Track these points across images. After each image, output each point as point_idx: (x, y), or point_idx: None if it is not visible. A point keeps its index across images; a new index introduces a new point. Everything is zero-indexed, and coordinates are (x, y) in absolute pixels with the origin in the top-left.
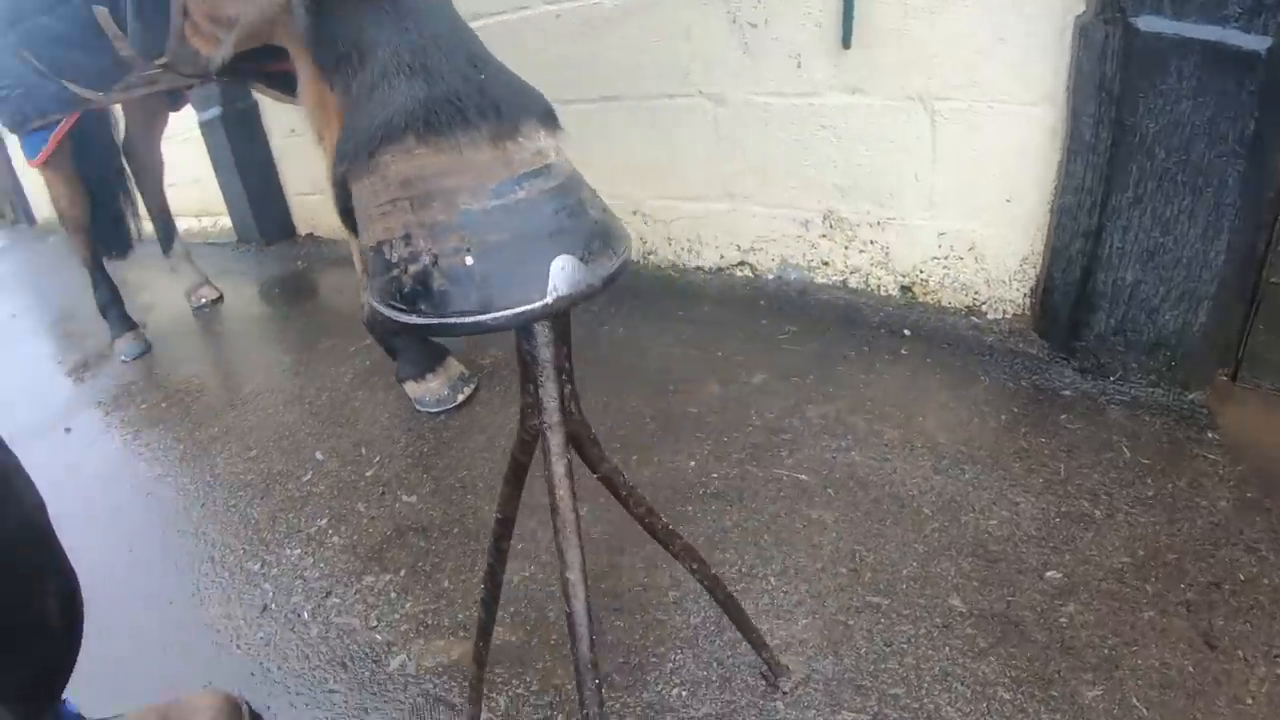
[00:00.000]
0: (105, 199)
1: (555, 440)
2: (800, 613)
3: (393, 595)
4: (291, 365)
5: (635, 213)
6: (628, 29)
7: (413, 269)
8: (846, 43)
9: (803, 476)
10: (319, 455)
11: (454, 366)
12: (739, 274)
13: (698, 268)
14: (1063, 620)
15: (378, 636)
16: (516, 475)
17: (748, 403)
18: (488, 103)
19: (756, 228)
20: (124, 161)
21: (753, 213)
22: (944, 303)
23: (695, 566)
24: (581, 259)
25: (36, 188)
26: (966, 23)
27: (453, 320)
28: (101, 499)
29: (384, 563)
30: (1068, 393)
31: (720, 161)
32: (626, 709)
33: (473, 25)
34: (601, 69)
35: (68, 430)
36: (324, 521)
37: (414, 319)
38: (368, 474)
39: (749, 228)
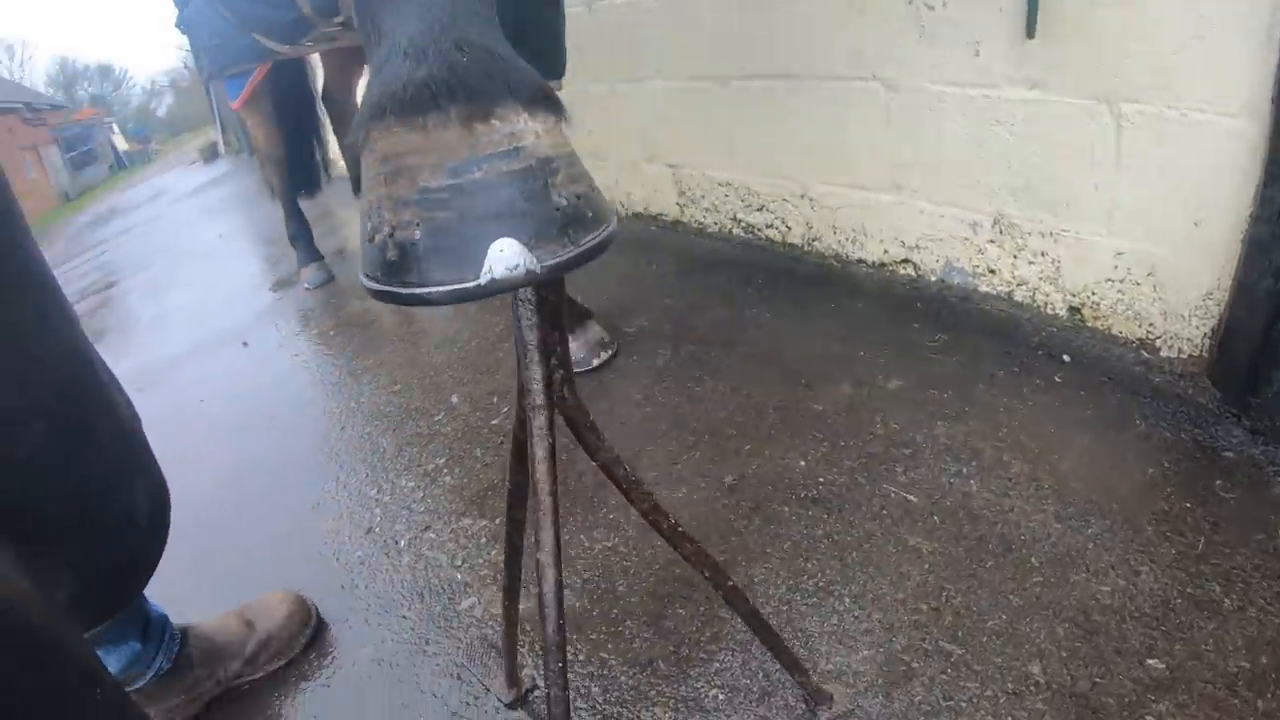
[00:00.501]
0: (300, 141)
1: (538, 422)
2: (865, 642)
3: (482, 541)
4: (451, 309)
5: (803, 196)
6: (802, 4)
7: (377, 239)
8: (1031, 32)
9: (911, 498)
10: (454, 399)
11: (594, 330)
12: (901, 271)
13: (860, 260)
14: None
15: (458, 576)
16: (518, 450)
17: (876, 409)
18: (460, 85)
19: (923, 225)
20: (320, 108)
21: (920, 208)
22: (1114, 331)
23: (709, 574)
24: (526, 243)
25: None
26: (1160, 16)
27: (397, 290)
28: (259, 409)
29: (483, 509)
30: (1230, 454)
31: (889, 151)
32: (661, 698)
33: (616, 2)
34: (775, 45)
35: (245, 344)
36: (441, 461)
37: (369, 284)
38: (493, 423)
39: (915, 224)
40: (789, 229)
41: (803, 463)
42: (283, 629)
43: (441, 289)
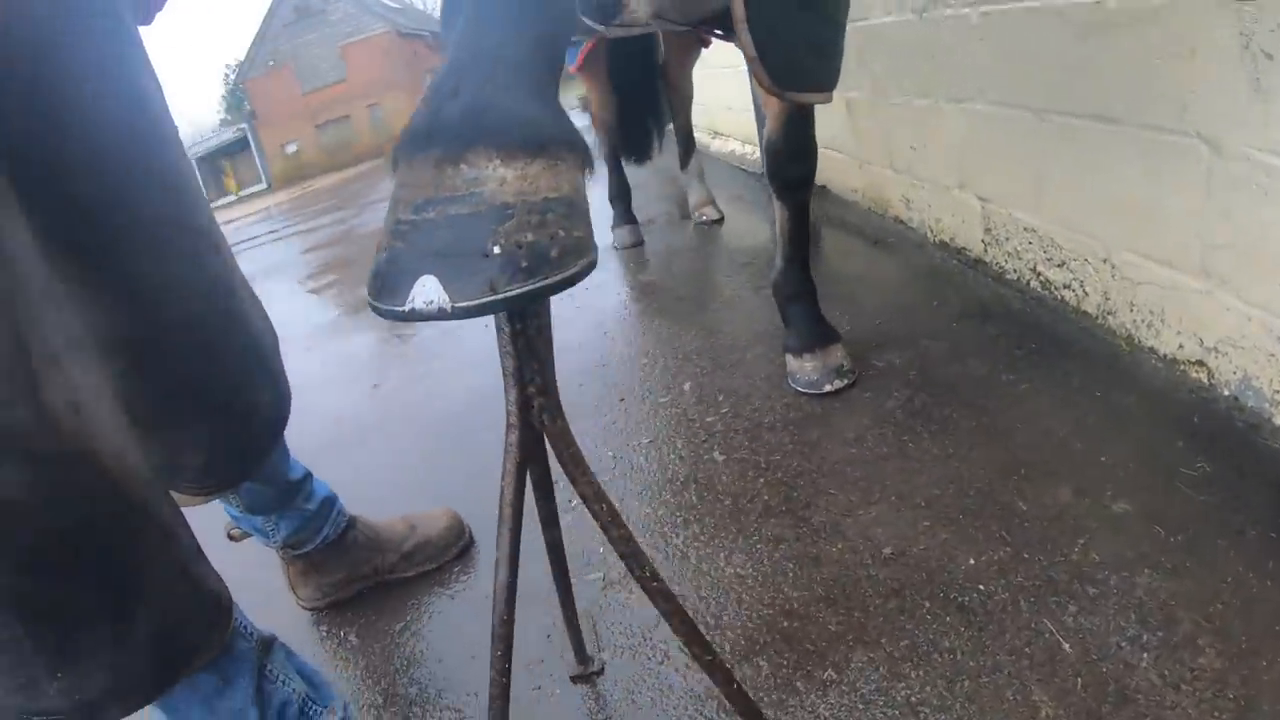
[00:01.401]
0: (636, 110)
1: (510, 439)
2: None
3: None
4: (727, 299)
5: (1105, 261)
6: (1127, 40)
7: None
8: None
9: (1066, 646)
10: (686, 386)
11: (835, 354)
12: (1191, 374)
13: (1150, 349)
14: None
15: (599, 549)
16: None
17: (1084, 529)
18: (440, 129)
19: (1227, 324)
20: (659, 82)
21: (1227, 304)
22: None
23: (683, 638)
24: (445, 284)
25: None
26: None
27: (369, 301)
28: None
29: (658, 499)
30: None
31: (1204, 226)
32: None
33: (945, 14)
34: (1098, 80)
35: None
36: (645, 441)
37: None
38: (707, 419)
39: (1219, 321)
40: (1085, 294)
41: (972, 561)
42: (439, 537)
43: (383, 307)
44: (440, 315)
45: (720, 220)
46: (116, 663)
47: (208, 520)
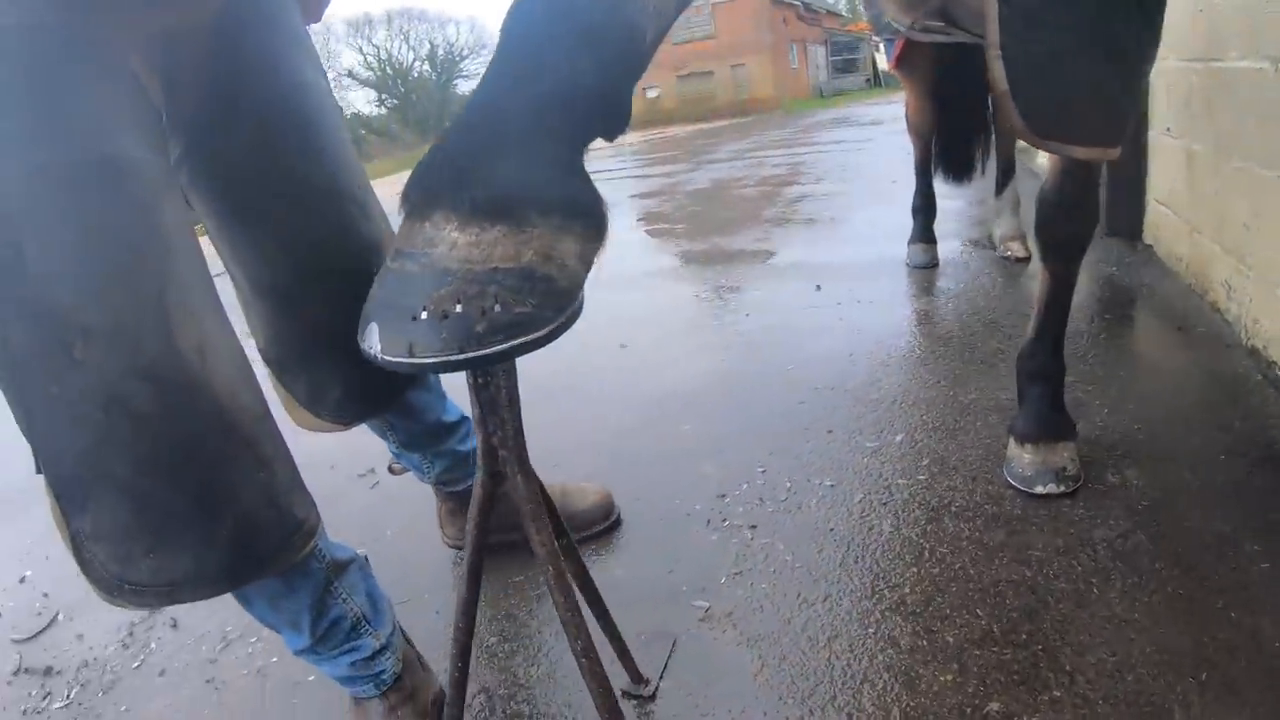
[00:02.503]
0: (958, 122)
1: (477, 479)
2: None
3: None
4: (989, 353)
5: None
6: None
7: None
8: None
9: None
10: (898, 438)
11: (1062, 454)
12: None
13: None
14: None
15: (728, 564)
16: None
17: None
18: (416, 185)
19: None
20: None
21: None
22: None
23: (592, 685)
24: (381, 334)
25: None
26: None
27: None
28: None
29: (804, 551)
30: None
31: None
32: None
33: None
34: None
35: (818, 288)
36: (827, 483)
37: None
38: (898, 480)
39: None
40: None
41: None
42: (586, 513)
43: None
44: (378, 362)
45: (1026, 260)
46: (198, 556)
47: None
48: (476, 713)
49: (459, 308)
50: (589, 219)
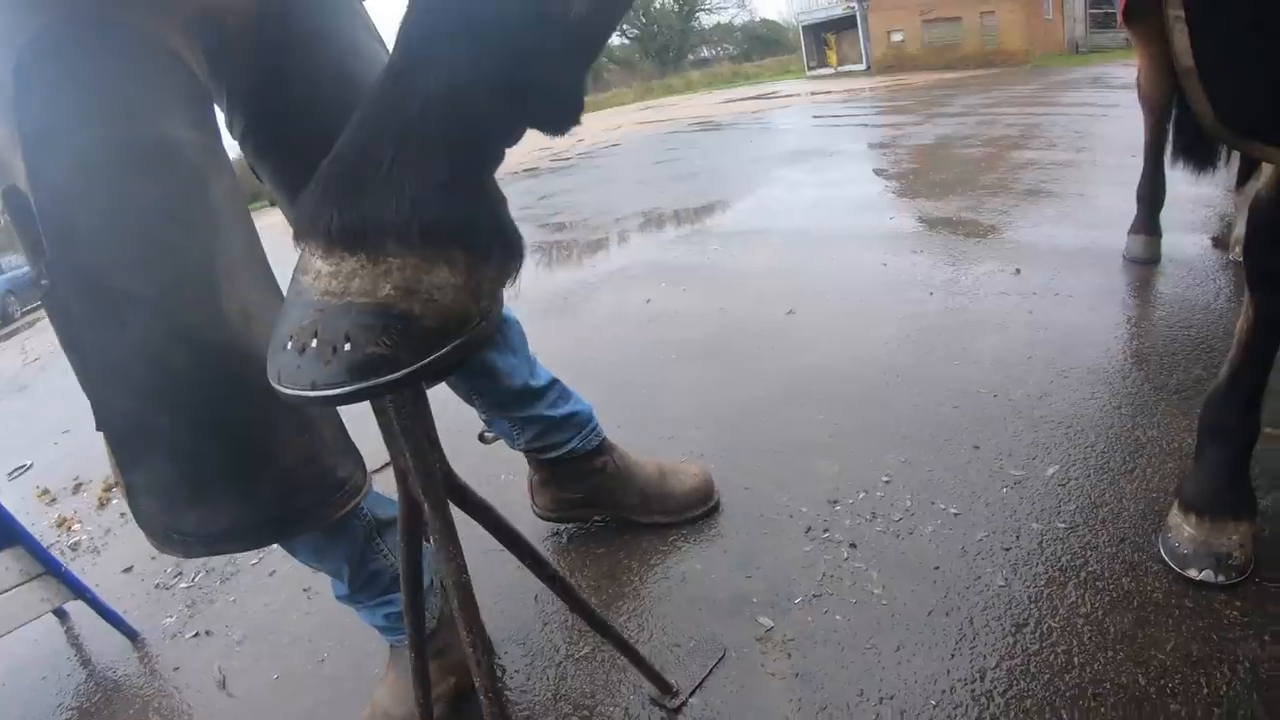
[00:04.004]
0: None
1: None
2: None
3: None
4: (1180, 384)
5: None
6: None
7: None
8: None
9: None
10: (1050, 471)
11: (1232, 535)
12: None
13: None
14: None
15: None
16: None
17: None
18: (305, 203)
19: None
20: None
21: None
22: None
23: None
24: (269, 357)
25: None
26: None
27: None
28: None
29: (890, 580)
30: None
31: None
32: None
33: None
34: None
35: (1017, 271)
36: (944, 508)
37: None
38: (1033, 525)
39: None
40: None
41: None
42: (685, 495)
43: None
44: (276, 389)
45: None
46: (238, 512)
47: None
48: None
49: (314, 343)
50: (473, 245)
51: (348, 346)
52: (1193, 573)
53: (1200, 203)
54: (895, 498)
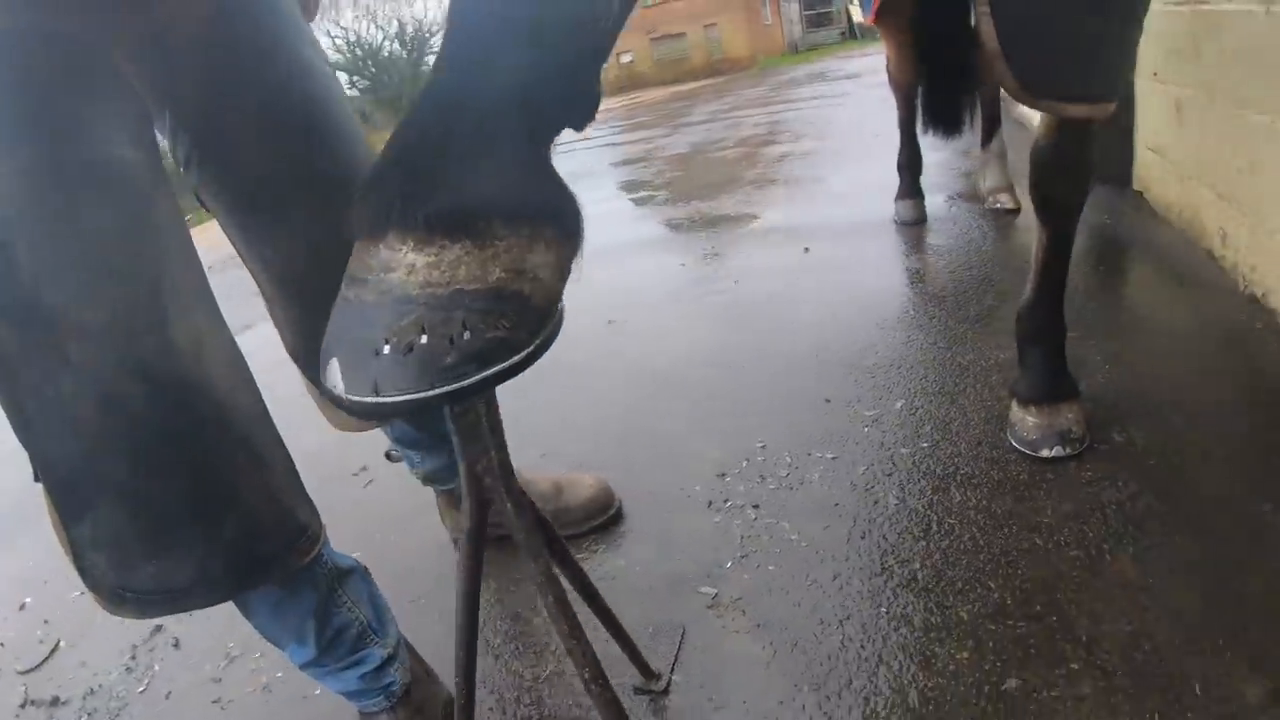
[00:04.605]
0: (943, 74)
1: (465, 505)
2: None
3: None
4: (986, 310)
5: None
6: None
7: None
8: None
9: None
10: (897, 404)
11: (1066, 415)
12: None
13: None
14: None
15: (729, 552)
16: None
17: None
18: (366, 201)
19: None
20: (973, 45)
21: None
22: None
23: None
24: (343, 372)
25: None
26: None
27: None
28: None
29: (809, 527)
30: None
31: None
32: None
33: None
34: None
35: (806, 250)
36: (829, 455)
37: None
38: (901, 450)
39: None
40: None
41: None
42: (582, 507)
43: (320, 379)
44: (340, 403)
45: (1015, 211)
46: (202, 559)
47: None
48: (485, 717)
49: (424, 339)
50: (561, 223)
51: (466, 335)
52: (1045, 452)
53: (946, 167)
54: (775, 458)
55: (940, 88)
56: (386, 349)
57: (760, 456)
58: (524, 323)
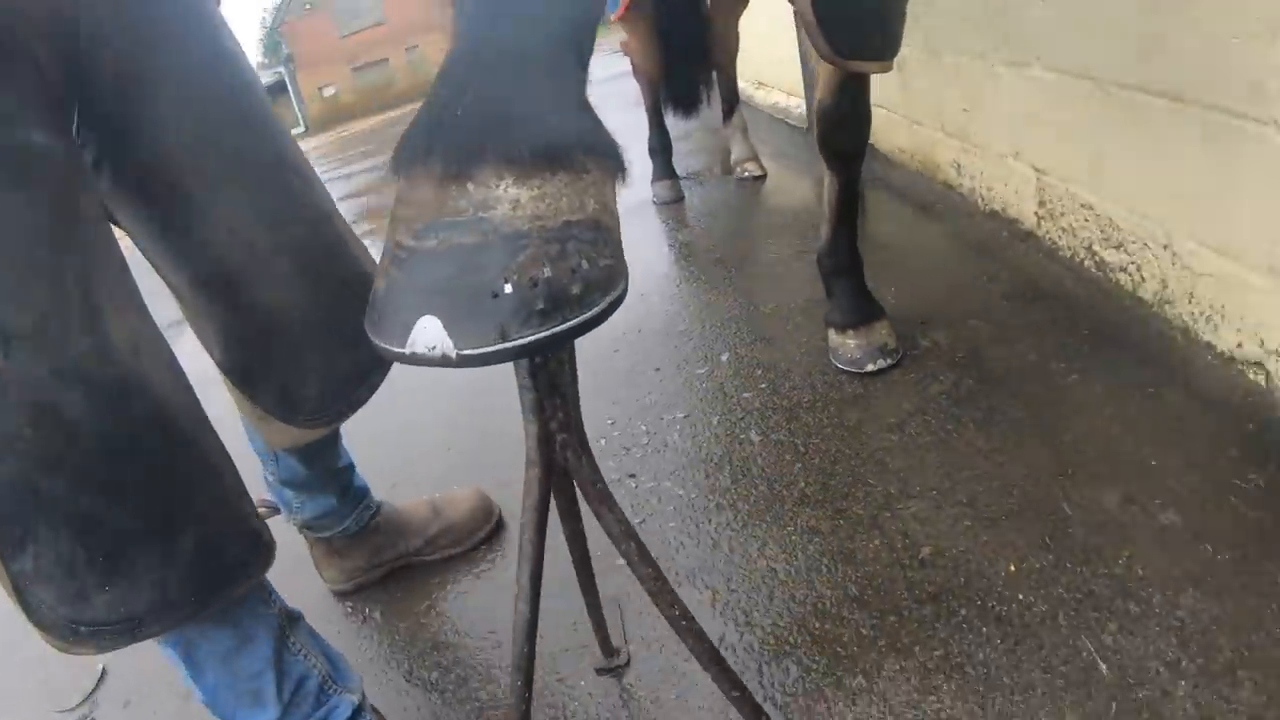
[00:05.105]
0: (682, 61)
1: (530, 475)
2: None
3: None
4: (768, 264)
5: (1165, 247)
6: (1203, 16)
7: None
8: None
9: (1103, 668)
10: (724, 358)
11: (880, 332)
12: (1249, 375)
13: (1208, 344)
14: None
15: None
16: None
17: (1130, 540)
18: (443, 138)
19: None
20: (707, 32)
21: None
22: None
23: (714, 676)
24: (448, 326)
25: None
26: None
27: (368, 334)
28: None
29: (691, 480)
30: None
31: (1275, 221)
32: None
33: None
34: (1167, 56)
35: None
36: (680, 415)
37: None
38: (744, 395)
39: None
40: (1142, 280)
41: (1013, 568)
42: (465, 522)
43: (379, 344)
44: (444, 362)
45: (763, 177)
46: (161, 579)
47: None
48: None
49: (547, 270)
50: (620, 159)
51: (585, 264)
52: (870, 367)
53: (693, 146)
54: (631, 430)
55: (681, 73)
56: (508, 288)
57: (615, 432)
58: (618, 253)
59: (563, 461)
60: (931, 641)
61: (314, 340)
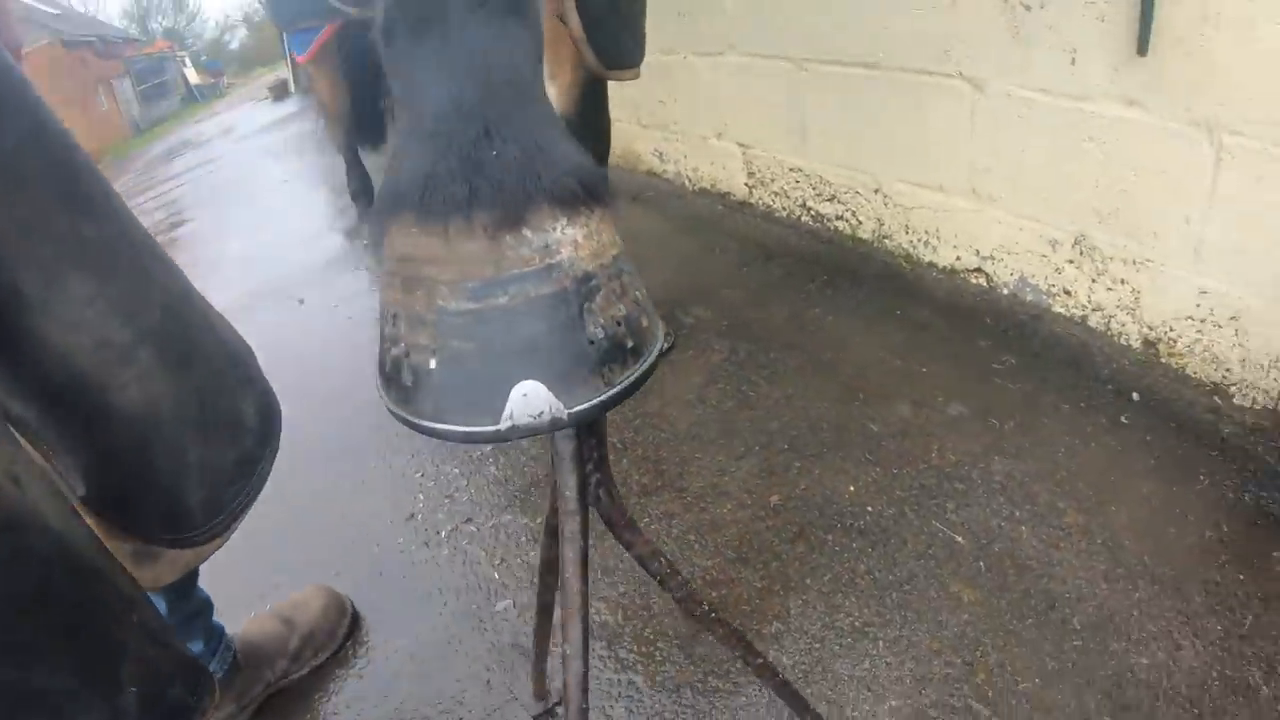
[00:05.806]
0: (367, 95)
1: (569, 526)
2: (894, 692)
3: (522, 540)
4: None
5: (876, 191)
6: None
7: (392, 352)
8: (1143, 49)
9: (959, 539)
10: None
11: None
12: (972, 281)
13: (930, 263)
14: None
15: (495, 575)
16: (552, 530)
17: (933, 435)
18: (487, 184)
19: (999, 235)
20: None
21: (997, 217)
22: (1188, 371)
23: (741, 654)
24: (552, 386)
25: None
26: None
27: (409, 419)
28: (304, 375)
29: (525, 506)
30: None
31: (971, 155)
32: None
33: None
34: (856, 29)
35: (301, 302)
36: (489, 448)
37: (387, 403)
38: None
39: (991, 233)
40: (859, 223)
41: (852, 488)
42: (321, 623)
43: (457, 429)
44: (553, 427)
45: None
46: None
47: None
48: None
49: (622, 309)
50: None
51: (639, 294)
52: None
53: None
54: (447, 470)
55: (367, 108)
56: (600, 333)
57: (432, 483)
58: (642, 283)
59: (594, 503)
60: (816, 570)
61: (193, 435)
